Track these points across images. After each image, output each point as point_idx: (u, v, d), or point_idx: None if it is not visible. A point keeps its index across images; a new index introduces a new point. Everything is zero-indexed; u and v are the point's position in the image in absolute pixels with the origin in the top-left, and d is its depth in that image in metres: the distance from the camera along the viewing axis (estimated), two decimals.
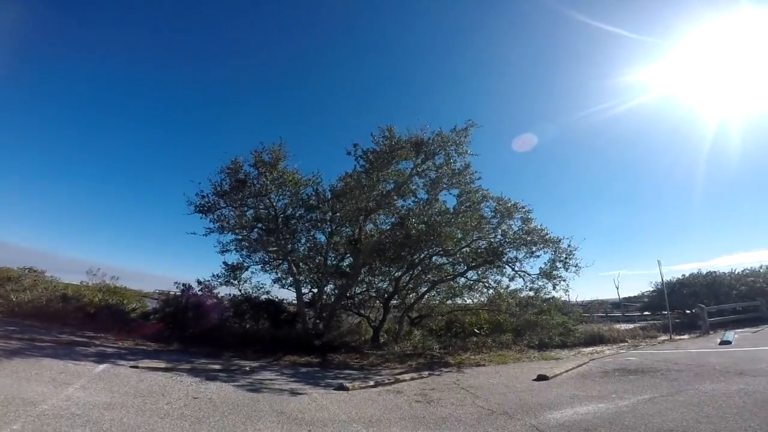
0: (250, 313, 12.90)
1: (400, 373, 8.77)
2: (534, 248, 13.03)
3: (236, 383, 7.19)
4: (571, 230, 37.09)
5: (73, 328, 11.78)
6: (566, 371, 8.57)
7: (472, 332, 14.00)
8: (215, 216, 12.69)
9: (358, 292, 15.89)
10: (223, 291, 15.17)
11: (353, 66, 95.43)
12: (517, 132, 64.81)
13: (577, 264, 12.59)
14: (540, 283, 13.09)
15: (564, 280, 12.68)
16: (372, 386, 7.29)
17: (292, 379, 7.91)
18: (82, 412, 4.60)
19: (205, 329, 11.71)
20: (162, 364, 8.03)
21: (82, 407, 4.79)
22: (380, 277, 15.62)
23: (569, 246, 12.72)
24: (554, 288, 12.89)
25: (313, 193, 13.33)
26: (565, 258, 12.69)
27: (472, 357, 10.96)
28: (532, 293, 13.28)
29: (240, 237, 13.98)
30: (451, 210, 13.51)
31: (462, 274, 14.09)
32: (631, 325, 17.59)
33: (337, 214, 13.25)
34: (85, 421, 4.33)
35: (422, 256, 13.74)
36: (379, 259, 13.38)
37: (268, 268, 15.22)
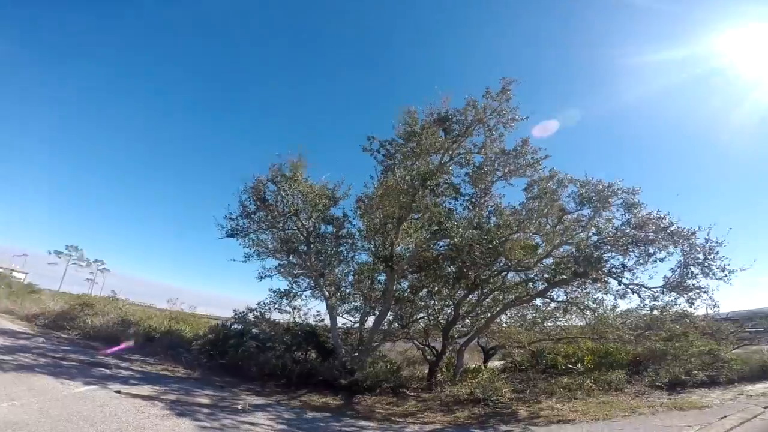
0: (288, 344, 11.43)
1: None
2: (651, 248, 9.03)
3: (203, 423, 5.75)
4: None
5: (128, 351, 11.93)
6: None
7: (565, 368, 10.07)
8: (250, 240, 11.82)
9: (418, 318, 13.41)
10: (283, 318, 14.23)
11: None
12: None
13: (724, 267, 8.20)
14: (666, 299, 8.90)
15: (705, 292, 8.33)
16: None
17: (277, 429, 5.98)
18: None
19: (239, 359, 10.64)
20: (146, 392, 6.96)
21: None
22: (442, 302, 12.94)
23: (708, 241, 8.45)
24: (691, 304, 8.56)
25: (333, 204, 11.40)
26: (704, 259, 8.41)
27: (557, 406, 7.42)
28: (656, 312, 9.09)
29: (282, 261, 12.91)
30: (518, 207, 10.45)
31: (540, 294, 10.52)
32: None
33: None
34: None
35: (486, 273, 10.70)
36: (427, 278, 10.88)
37: (317, 294, 13.88)
